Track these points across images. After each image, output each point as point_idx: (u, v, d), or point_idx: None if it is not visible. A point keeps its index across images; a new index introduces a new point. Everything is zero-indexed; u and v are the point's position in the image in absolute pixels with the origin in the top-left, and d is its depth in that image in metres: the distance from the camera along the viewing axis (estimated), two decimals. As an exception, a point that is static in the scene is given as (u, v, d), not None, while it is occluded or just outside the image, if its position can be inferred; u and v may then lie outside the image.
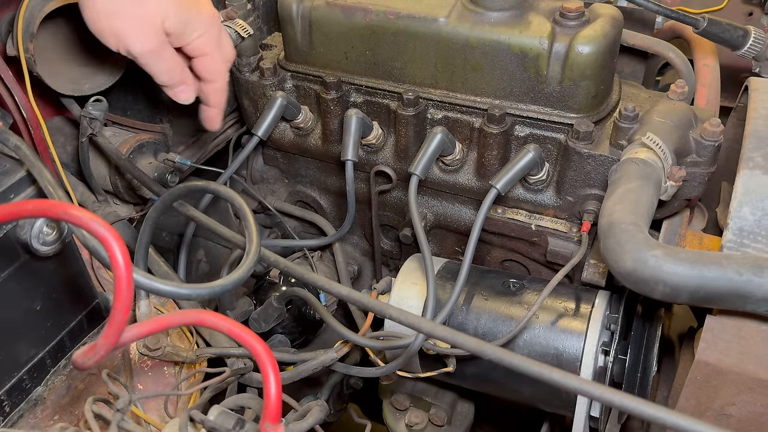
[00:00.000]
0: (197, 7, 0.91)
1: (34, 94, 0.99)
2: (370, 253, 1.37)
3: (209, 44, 0.93)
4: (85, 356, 0.56)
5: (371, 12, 1.05)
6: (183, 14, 0.89)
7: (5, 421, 0.87)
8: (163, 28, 0.88)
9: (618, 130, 0.94)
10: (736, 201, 0.79)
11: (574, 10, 0.96)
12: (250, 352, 0.59)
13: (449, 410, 1.23)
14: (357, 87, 1.13)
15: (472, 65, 1.02)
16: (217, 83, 0.97)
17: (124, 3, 0.84)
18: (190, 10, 0.90)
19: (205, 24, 0.92)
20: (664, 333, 1.07)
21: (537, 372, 0.61)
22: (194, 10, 0.90)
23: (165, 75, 0.92)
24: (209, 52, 0.94)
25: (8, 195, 0.84)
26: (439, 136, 1.02)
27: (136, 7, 0.85)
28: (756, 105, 0.88)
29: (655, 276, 0.70)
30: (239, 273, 0.73)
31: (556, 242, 1.07)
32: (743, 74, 1.37)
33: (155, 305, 1.04)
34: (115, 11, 0.85)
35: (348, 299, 0.85)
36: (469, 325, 1.00)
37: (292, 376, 1.00)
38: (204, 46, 0.93)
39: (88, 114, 1.03)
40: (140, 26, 0.86)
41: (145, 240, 0.99)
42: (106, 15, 0.85)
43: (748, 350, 0.76)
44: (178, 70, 0.93)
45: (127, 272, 0.49)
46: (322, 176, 1.30)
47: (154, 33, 0.87)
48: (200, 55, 0.94)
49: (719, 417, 0.82)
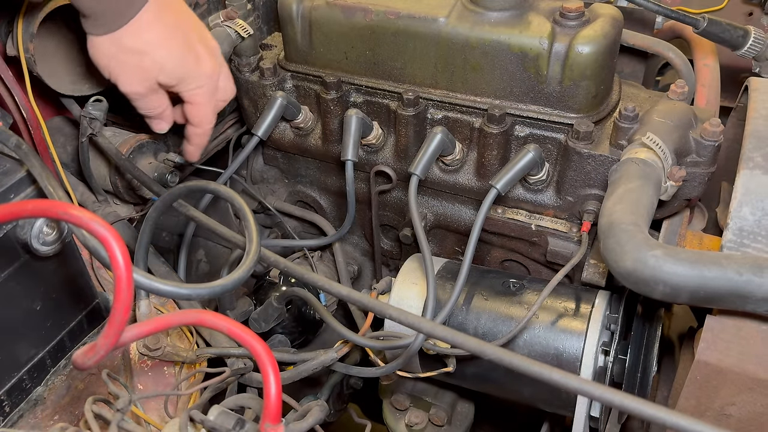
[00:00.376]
0: (197, 63, 0.93)
1: (34, 94, 0.99)
2: (370, 253, 1.37)
3: (202, 96, 0.97)
4: (85, 356, 0.56)
5: (371, 12, 1.05)
6: (180, 70, 0.92)
7: (5, 421, 0.87)
8: (157, 80, 0.92)
9: (618, 130, 0.94)
10: (736, 201, 0.79)
11: (574, 10, 0.96)
12: (250, 352, 0.59)
13: (449, 410, 1.23)
14: (357, 87, 1.13)
15: (472, 65, 1.02)
16: (201, 129, 1.02)
17: (124, 50, 0.87)
18: (189, 66, 0.92)
19: (202, 78, 0.95)
20: (664, 333, 1.07)
21: (537, 372, 0.61)
22: (193, 66, 0.93)
23: (145, 110, 0.98)
24: (200, 102, 0.97)
25: (8, 195, 0.84)
26: (439, 136, 1.02)
27: (134, 57, 0.88)
28: (756, 105, 0.88)
29: (655, 276, 0.70)
30: (239, 273, 0.73)
31: (556, 242, 1.07)
32: (743, 74, 1.37)
33: (155, 305, 1.04)
34: (114, 55, 0.88)
35: (348, 299, 0.85)
36: (469, 325, 1.00)
37: (292, 376, 1.00)
38: (196, 97, 0.97)
39: (88, 114, 1.03)
40: (133, 74, 0.90)
41: (145, 240, 0.99)
42: (106, 55, 0.88)
43: (748, 350, 0.76)
44: (160, 109, 0.98)
45: (127, 272, 0.49)
46: (322, 176, 1.30)
47: (145, 81, 0.91)
48: (191, 103, 0.97)
49: (719, 417, 0.82)
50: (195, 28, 0.94)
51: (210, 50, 0.96)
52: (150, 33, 0.87)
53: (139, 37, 0.86)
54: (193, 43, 0.92)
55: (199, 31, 0.95)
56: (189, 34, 0.92)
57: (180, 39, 0.90)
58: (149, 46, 0.87)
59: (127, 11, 0.84)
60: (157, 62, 0.89)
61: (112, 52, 0.87)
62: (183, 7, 0.94)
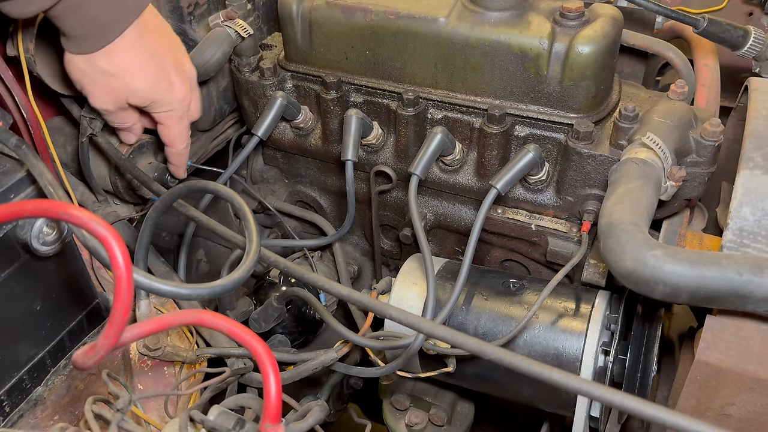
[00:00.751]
0: (169, 89, 0.96)
1: (34, 94, 0.99)
2: (370, 253, 1.37)
3: (170, 119, 1.00)
4: (85, 356, 0.56)
5: (371, 12, 1.05)
6: (150, 95, 0.95)
7: (5, 421, 0.87)
8: (127, 100, 0.95)
9: (618, 130, 0.94)
10: (736, 201, 0.79)
11: (574, 10, 0.96)
12: (250, 352, 0.59)
13: (449, 410, 1.23)
14: (357, 87, 1.13)
15: (472, 65, 1.02)
16: (174, 148, 1.05)
17: (96, 71, 0.90)
18: (161, 91, 0.95)
19: (173, 104, 0.98)
20: (664, 333, 1.07)
21: (537, 372, 0.61)
22: (165, 92, 0.96)
23: (113, 124, 1.01)
24: (170, 125, 1.01)
25: (8, 195, 0.84)
26: (439, 136, 1.02)
27: (105, 78, 0.91)
28: (756, 105, 0.88)
29: (655, 276, 0.70)
30: (239, 273, 0.73)
31: (556, 242, 1.07)
32: (743, 74, 1.37)
33: (155, 305, 1.04)
34: (87, 73, 0.90)
35: (348, 299, 0.85)
36: (469, 325, 1.00)
37: (292, 376, 1.00)
38: (165, 119, 1.00)
39: (88, 114, 1.03)
40: (103, 93, 0.93)
41: (145, 240, 0.99)
42: (79, 71, 0.91)
43: (748, 350, 0.76)
44: (128, 124, 1.01)
45: (127, 272, 0.49)
46: (322, 176, 1.30)
47: (115, 101, 0.95)
48: (162, 124, 1.01)
49: (719, 417, 0.82)
50: (172, 54, 0.97)
51: (183, 76, 0.99)
52: (124, 59, 0.89)
53: (112, 62, 0.89)
54: (168, 69, 0.95)
55: (176, 57, 0.98)
56: (164, 61, 0.95)
57: (154, 66, 0.93)
58: (121, 71, 0.90)
59: (105, 36, 0.87)
60: (127, 85, 0.92)
61: (85, 70, 0.90)
62: (165, 32, 0.97)
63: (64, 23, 0.84)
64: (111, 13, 0.85)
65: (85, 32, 0.85)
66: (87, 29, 0.85)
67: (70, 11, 0.82)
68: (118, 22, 0.86)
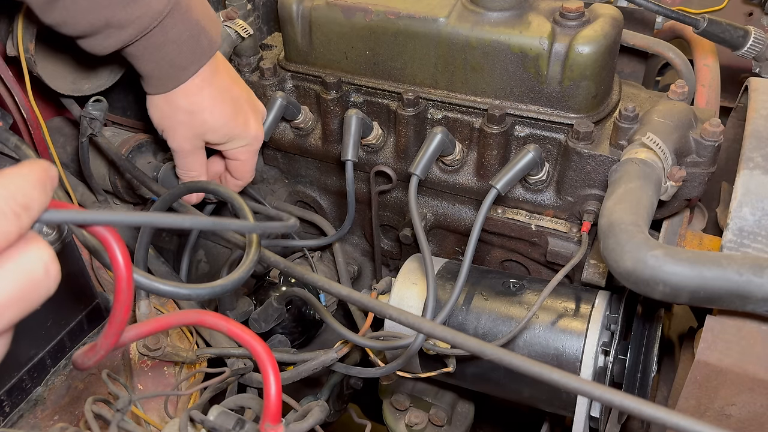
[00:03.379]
0: (245, 124, 0.99)
1: (34, 94, 0.99)
2: (370, 253, 1.37)
3: (247, 154, 1.02)
4: (85, 356, 0.56)
5: (371, 12, 1.05)
6: (228, 132, 0.98)
7: (5, 421, 0.87)
8: (204, 138, 0.97)
9: (618, 130, 0.94)
10: (736, 201, 0.79)
11: (574, 10, 0.96)
12: (250, 352, 0.59)
13: (449, 410, 1.23)
14: (357, 87, 1.13)
15: (472, 65, 1.02)
16: (244, 182, 1.08)
17: (175, 109, 0.93)
18: (237, 127, 0.98)
19: (247, 138, 1.00)
20: (664, 333, 1.07)
21: (537, 372, 0.61)
22: (241, 127, 0.99)
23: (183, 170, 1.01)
24: (245, 159, 1.03)
25: (8, 195, 0.84)
26: (439, 136, 1.02)
27: (184, 116, 0.93)
28: (756, 105, 0.88)
29: (655, 276, 0.70)
30: (239, 273, 0.73)
31: (556, 242, 1.07)
32: (743, 74, 1.37)
33: (155, 305, 1.04)
34: (166, 113, 0.94)
35: (348, 299, 0.85)
36: (469, 325, 1.00)
37: (292, 376, 1.00)
38: (242, 155, 1.02)
39: (88, 114, 1.03)
40: (182, 131, 0.95)
41: (145, 240, 0.99)
42: (159, 112, 0.94)
43: (748, 350, 0.76)
44: (194, 174, 1.02)
45: (127, 272, 0.49)
46: (322, 176, 1.30)
47: (193, 139, 0.97)
48: (237, 159, 1.03)
49: (719, 417, 0.82)
50: (244, 92, 1.00)
51: (257, 113, 1.02)
52: (200, 95, 0.92)
53: (189, 99, 0.92)
54: (242, 105, 0.98)
55: (248, 95, 1.01)
56: (238, 97, 0.98)
57: (229, 102, 0.96)
58: (198, 107, 0.93)
59: (181, 76, 0.90)
60: (206, 121, 0.94)
61: (165, 110, 0.94)
62: (234, 74, 1.00)
63: (143, 63, 0.88)
64: (187, 54, 0.89)
65: (162, 73, 0.89)
66: (164, 70, 0.89)
67: (149, 52, 0.86)
68: (193, 63, 0.90)
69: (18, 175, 0.45)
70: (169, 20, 0.85)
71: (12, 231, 0.43)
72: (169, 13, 0.84)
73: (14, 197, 0.43)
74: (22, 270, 0.44)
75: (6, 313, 0.44)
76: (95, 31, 0.82)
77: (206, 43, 0.90)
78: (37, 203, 0.45)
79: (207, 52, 0.91)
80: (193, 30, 0.88)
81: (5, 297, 0.43)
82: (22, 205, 0.44)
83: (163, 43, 0.86)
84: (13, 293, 0.44)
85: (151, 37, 0.85)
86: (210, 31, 0.91)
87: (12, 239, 0.44)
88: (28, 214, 0.44)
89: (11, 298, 0.44)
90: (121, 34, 0.83)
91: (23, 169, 0.46)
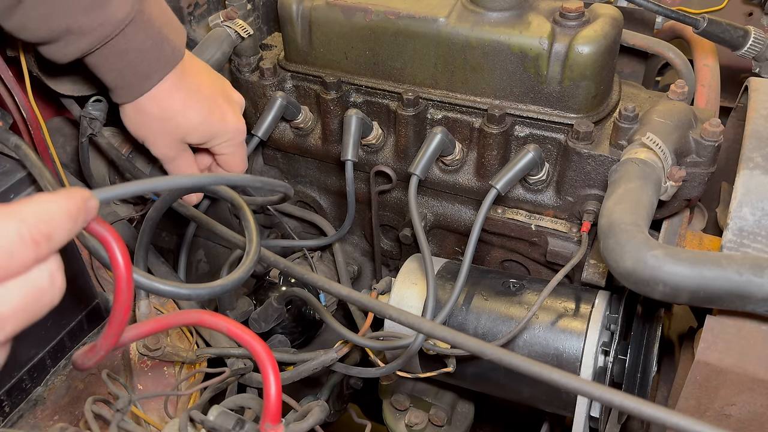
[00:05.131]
0: (222, 122, 0.98)
1: (34, 94, 0.99)
2: (370, 253, 1.37)
3: (231, 147, 1.02)
4: (85, 356, 0.56)
5: (371, 12, 1.05)
6: (206, 131, 0.97)
7: (5, 422, 0.87)
8: (185, 140, 0.97)
9: (618, 130, 0.94)
10: (736, 201, 0.79)
11: (574, 10, 0.96)
12: (250, 352, 0.59)
13: (449, 410, 1.23)
14: (357, 87, 1.13)
15: (472, 65, 1.02)
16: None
17: (148, 117, 0.92)
18: (214, 126, 0.97)
19: (228, 132, 1.00)
20: (664, 333, 1.07)
21: (537, 372, 0.61)
22: (218, 126, 0.98)
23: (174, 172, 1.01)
24: (231, 152, 1.02)
25: (8, 195, 0.84)
26: (439, 136, 1.02)
27: (158, 122, 0.93)
28: (756, 105, 0.88)
29: (655, 276, 0.70)
30: (239, 273, 0.73)
31: (556, 242, 1.07)
32: (743, 74, 1.37)
33: (155, 305, 1.04)
34: (140, 121, 0.93)
35: (348, 299, 0.85)
36: (469, 325, 1.00)
37: (292, 376, 1.00)
38: (225, 149, 1.01)
39: (88, 114, 1.03)
40: (161, 138, 0.95)
41: (145, 240, 0.99)
42: (132, 121, 0.94)
43: (748, 350, 0.76)
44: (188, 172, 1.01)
45: (127, 272, 0.49)
46: (322, 176, 1.30)
47: (173, 145, 0.97)
48: (223, 154, 1.02)
49: (719, 417, 0.82)
50: (217, 86, 0.99)
51: (233, 104, 1.01)
52: (171, 100, 0.92)
53: (160, 105, 0.91)
54: (216, 100, 0.97)
55: (221, 88, 1.00)
56: (210, 94, 0.97)
57: (202, 101, 0.95)
58: (170, 112, 0.92)
59: (144, 85, 0.89)
60: (180, 125, 0.94)
61: (138, 119, 0.93)
62: (203, 68, 0.99)
63: (105, 73, 0.87)
64: (150, 62, 0.88)
65: (125, 82, 0.88)
66: (127, 79, 0.88)
67: (110, 61, 0.85)
68: (157, 71, 0.89)
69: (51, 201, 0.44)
70: (131, 29, 0.84)
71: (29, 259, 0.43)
72: (131, 22, 0.83)
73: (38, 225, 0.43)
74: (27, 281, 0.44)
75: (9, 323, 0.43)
76: (55, 38, 0.81)
77: (169, 52, 0.89)
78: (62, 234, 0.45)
79: (171, 60, 0.90)
80: (156, 38, 0.87)
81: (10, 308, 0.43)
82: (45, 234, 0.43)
83: (125, 51, 0.85)
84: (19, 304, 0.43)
85: (113, 46, 0.84)
86: (173, 39, 0.89)
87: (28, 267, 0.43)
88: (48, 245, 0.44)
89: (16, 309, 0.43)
90: (81, 42, 0.81)
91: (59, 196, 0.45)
